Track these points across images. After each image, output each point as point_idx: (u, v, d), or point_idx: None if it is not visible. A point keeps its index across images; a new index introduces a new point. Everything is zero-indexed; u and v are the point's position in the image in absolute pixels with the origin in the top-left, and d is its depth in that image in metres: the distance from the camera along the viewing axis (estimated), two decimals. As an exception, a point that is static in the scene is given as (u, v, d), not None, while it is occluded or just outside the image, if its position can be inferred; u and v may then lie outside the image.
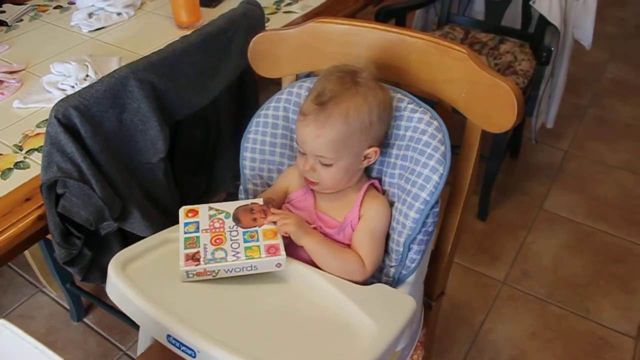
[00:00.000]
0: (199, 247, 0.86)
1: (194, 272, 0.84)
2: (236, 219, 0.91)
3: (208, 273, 0.84)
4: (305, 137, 0.90)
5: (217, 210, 0.92)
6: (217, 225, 0.90)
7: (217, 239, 0.87)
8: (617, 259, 1.91)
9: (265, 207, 0.92)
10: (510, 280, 1.84)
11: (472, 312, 1.74)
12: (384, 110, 0.91)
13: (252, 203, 0.94)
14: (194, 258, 0.84)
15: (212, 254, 0.85)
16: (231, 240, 0.87)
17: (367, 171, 1.00)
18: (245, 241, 0.87)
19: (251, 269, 0.85)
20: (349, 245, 0.94)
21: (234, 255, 0.84)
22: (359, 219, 0.94)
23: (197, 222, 0.90)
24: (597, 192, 2.18)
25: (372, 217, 0.94)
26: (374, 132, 0.91)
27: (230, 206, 0.93)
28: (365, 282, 0.94)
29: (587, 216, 2.08)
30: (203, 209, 0.93)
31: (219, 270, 0.84)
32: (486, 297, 1.79)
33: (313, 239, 0.89)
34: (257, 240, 0.87)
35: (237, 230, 0.89)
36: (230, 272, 0.85)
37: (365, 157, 0.93)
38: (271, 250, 0.85)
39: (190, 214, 0.92)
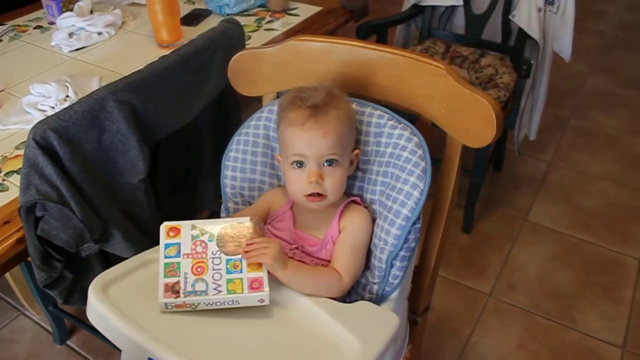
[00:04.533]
0: (179, 275, 0.83)
1: (173, 304, 0.82)
2: (221, 242, 0.86)
3: (187, 306, 0.82)
4: (309, 141, 0.87)
5: (200, 230, 0.86)
6: (199, 250, 0.85)
7: (199, 267, 0.83)
8: (602, 269, 1.92)
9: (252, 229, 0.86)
10: (497, 292, 1.85)
11: (459, 325, 1.74)
12: (355, 116, 0.95)
13: (238, 223, 0.87)
14: (173, 290, 0.81)
15: (193, 285, 0.82)
16: (213, 270, 0.83)
17: (348, 188, 1.00)
18: (228, 272, 0.83)
19: (232, 304, 0.82)
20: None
21: (215, 289, 0.82)
22: (339, 232, 0.93)
23: (179, 245, 0.85)
24: (581, 203, 2.20)
25: (353, 229, 0.93)
26: (354, 135, 0.94)
27: (214, 226, 0.87)
28: (349, 300, 0.94)
29: (571, 227, 2.09)
30: (185, 227, 0.87)
31: (198, 304, 0.82)
32: (473, 310, 1.79)
33: (288, 271, 0.85)
34: (241, 271, 0.83)
35: (220, 258, 0.84)
36: (211, 305, 0.82)
37: (351, 162, 0.94)
38: (254, 285, 0.82)
39: (171, 233, 0.86)
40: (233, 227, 0.87)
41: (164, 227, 0.87)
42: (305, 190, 0.90)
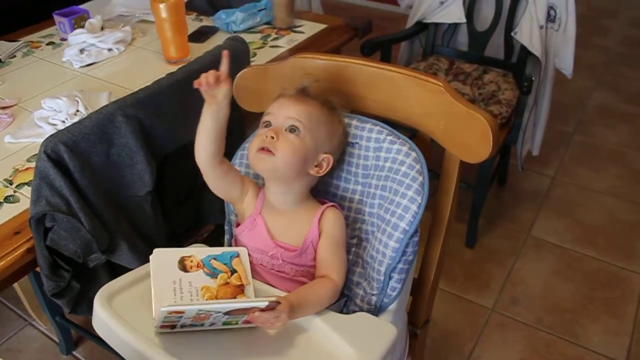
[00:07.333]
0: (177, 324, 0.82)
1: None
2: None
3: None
4: (282, 103, 0.95)
5: (207, 312, 0.80)
6: (202, 315, 0.81)
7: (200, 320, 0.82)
8: (605, 284, 1.93)
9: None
10: (499, 307, 1.85)
11: (462, 340, 1.75)
12: (344, 137, 0.99)
13: (252, 307, 0.80)
14: (170, 326, 0.82)
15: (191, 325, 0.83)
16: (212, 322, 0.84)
17: (349, 201, 1.03)
18: (224, 324, 0.84)
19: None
20: (312, 266, 0.95)
21: (210, 325, 0.84)
22: (320, 235, 0.95)
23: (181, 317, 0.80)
24: (584, 218, 2.21)
25: (332, 228, 0.95)
26: (336, 142, 0.97)
27: (223, 307, 0.80)
28: (347, 311, 0.96)
29: (574, 242, 2.10)
30: (191, 311, 0.79)
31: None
32: (475, 324, 1.79)
33: (295, 315, 0.85)
34: (237, 323, 0.84)
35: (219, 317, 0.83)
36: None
37: (318, 164, 0.95)
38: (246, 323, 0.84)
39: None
40: (245, 309, 0.81)
41: (166, 312, 0.78)
42: (259, 144, 0.93)
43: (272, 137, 0.91)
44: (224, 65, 0.92)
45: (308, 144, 0.92)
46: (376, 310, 0.96)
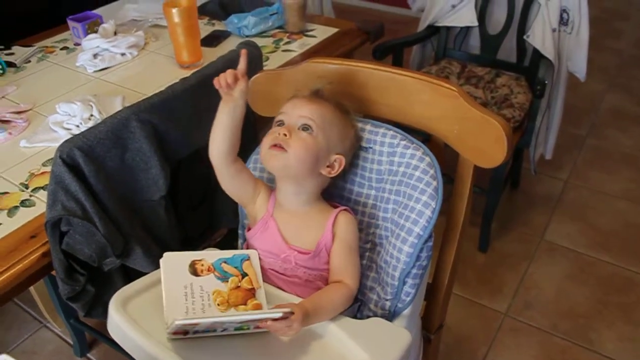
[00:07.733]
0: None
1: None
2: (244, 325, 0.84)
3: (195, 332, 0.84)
4: (295, 104, 0.95)
5: (222, 323, 0.81)
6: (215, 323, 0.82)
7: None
8: (620, 289, 1.91)
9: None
10: (513, 311, 1.84)
11: (475, 344, 1.74)
12: (356, 140, 0.99)
13: (267, 318, 0.80)
14: (182, 333, 0.83)
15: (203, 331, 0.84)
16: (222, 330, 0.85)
17: (363, 205, 1.02)
18: (235, 329, 0.85)
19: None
20: (324, 270, 0.95)
21: (222, 331, 0.84)
22: (333, 239, 0.95)
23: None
24: (598, 222, 2.19)
25: (345, 232, 0.95)
26: (348, 144, 0.97)
27: (237, 319, 0.82)
28: (361, 316, 0.96)
29: (588, 246, 2.08)
30: (205, 323, 0.80)
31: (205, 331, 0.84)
32: (488, 329, 1.78)
33: (310, 321, 0.85)
34: (249, 328, 0.85)
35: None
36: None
37: (330, 164, 0.95)
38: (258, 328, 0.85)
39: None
40: (262, 320, 0.82)
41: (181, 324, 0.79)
42: (271, 141, 0.93)
43: (285, 135, 0.92)
44: (242, 64, 0.93)
45: (320, 143, 0.93)
46: (390, 315, 0.96)
